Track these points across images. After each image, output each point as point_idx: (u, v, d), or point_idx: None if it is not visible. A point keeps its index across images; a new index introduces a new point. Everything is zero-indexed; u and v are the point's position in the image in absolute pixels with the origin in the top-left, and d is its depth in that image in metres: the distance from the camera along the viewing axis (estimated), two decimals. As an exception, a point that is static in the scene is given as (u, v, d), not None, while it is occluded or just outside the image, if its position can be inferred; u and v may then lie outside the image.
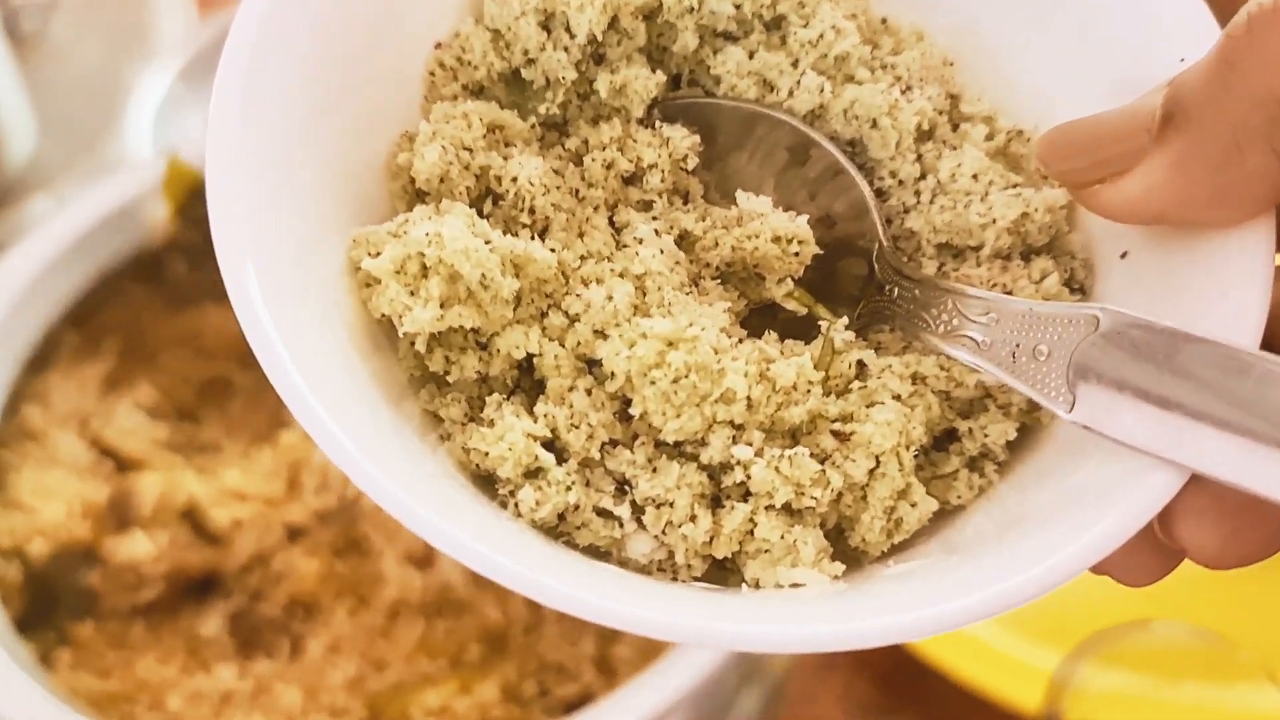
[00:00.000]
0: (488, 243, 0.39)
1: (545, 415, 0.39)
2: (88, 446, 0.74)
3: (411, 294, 0.38)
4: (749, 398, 0.38)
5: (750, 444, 0.38)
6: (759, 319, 0.43)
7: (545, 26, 0.42)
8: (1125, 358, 0.35)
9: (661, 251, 0.41)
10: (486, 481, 0.39)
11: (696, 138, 0.43)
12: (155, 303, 0.81)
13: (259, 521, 0.71)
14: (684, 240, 0.42)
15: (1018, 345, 0.37)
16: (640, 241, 0.41)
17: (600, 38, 0.42)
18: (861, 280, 0.42)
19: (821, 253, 0.42)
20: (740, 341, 0.40)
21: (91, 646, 0.68)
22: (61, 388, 0.75)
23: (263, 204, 0.37)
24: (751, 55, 0.44)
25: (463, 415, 0.40)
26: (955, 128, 0.44)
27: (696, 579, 0.39)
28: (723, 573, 0.39)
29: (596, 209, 0.43)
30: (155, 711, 0.66)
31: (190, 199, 0.79)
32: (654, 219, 0.43)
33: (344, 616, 0.69)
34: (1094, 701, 0.69)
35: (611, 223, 0.43)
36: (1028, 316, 0.37)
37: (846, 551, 0.39)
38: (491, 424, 0.39)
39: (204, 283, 0.79)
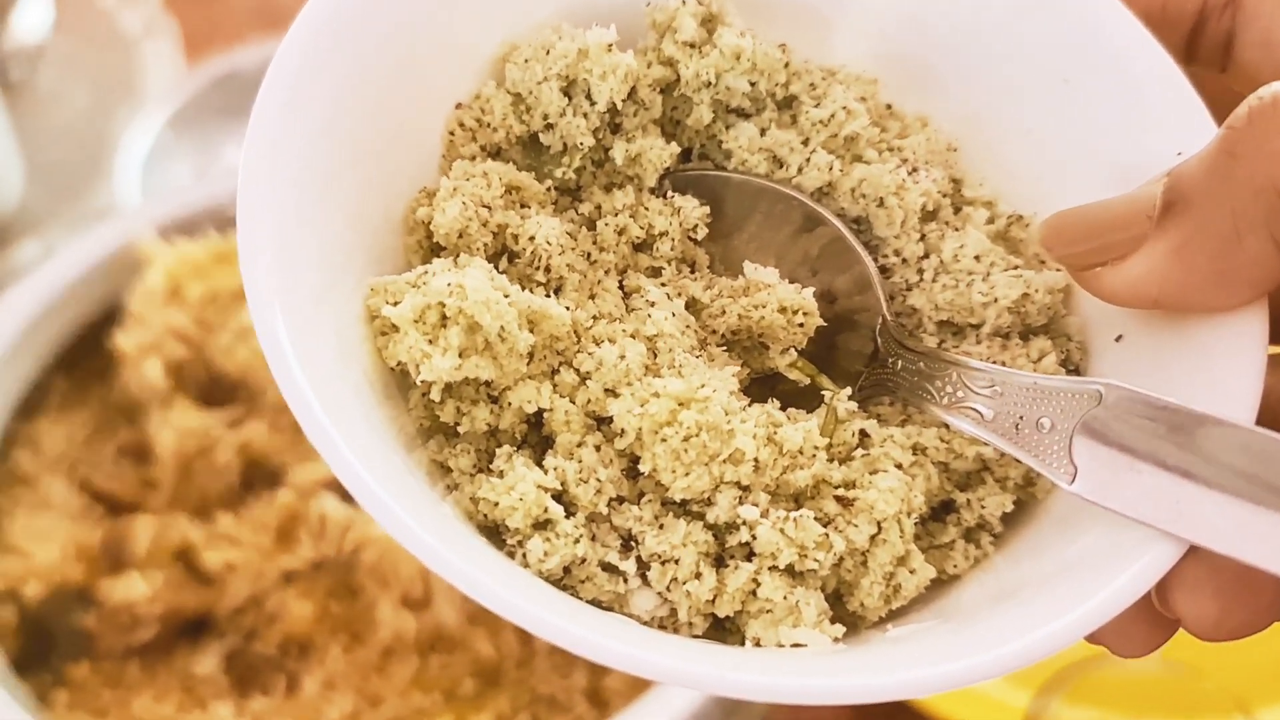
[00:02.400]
0: (506, 296, 0.39)
1: (555, 469, 0.39)
2: (78, 491, 0.75)
3: (430, 342, 0.38)
4: (757, 459, 0.39)
5: (756, 505, 0.39)
6: (760, 388, 0.44)
7: (566, 93, 0.43)
8: (1126, 431, 0.36)
9: (673, 314, 0.42)
10: (493, 532, 0.39)
11: (706, 209, 0.44)
12: None
13: (253, 564, 0.71)
14: (691, 307, 0.43)
15: (1021, 417, 0.38)
16: (652, 304, 0.42)
17: (619, 107, 0.43)
18: (863, 356, 0.43)
19: (825, 325, 0.43)
20: (749, 405, 0.41)
21: (87, 687, 0.69)
22: (51, 433, 0.76)
23: (288, 253, 0.38)
24: (763, 132, 0.45)
25: (472, 466, 0.40)
26: (957, 210, 0.45)
27: (698, 637, 0.39)
28: (723, 632, 0.40)
29: (608, 272, 0.43)
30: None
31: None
32: (663, 285, 0.44)
33: (339, 654, 0.70)
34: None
35: (621, 287, 0.44)
36: (1031, 390, 0.39)
37: (844, 615, 0.40)
38: (501, 475, 0.39)
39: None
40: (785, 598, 0.38)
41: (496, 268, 0.42)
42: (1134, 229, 0.38)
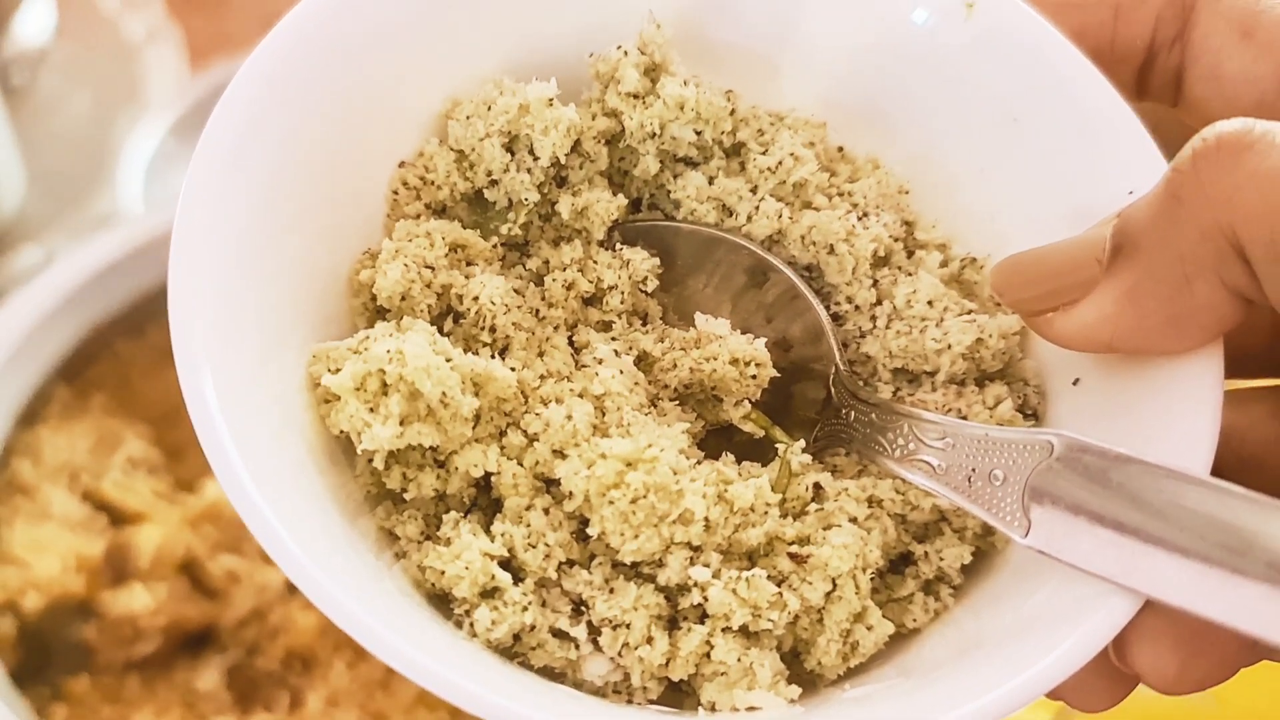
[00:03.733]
0: (448, 360, 0.39)
1: (503, 534, 0.39)
2: (80, 501, 0.74)
3: (371, 410, 0.38)
4: (707, 519, 0.38)
5: (708, 565, 0.38)
6: (715, 440, 0.43)
7: (509, 149, 0.43)
8: (1080, 483, 0.35)
9: (621, 372, 0.41)
10: (442, 600, 0.39)
11: (656, 260, 0.44)
12: (144, 358, 0.82)
13: (257, 575, 0.71)
14: (643, 361, 0.43)
15: (973, 470, 0.38)
16: (600, 362, 0.41)
17: (563, 160, 0.43)
18: (818, 404, 0.43)
19: (779, 375, 0.42)
20: (699, 463, 0.40)
21: (86, 701, 0.68)
22: (52, 442, 0.76)
23: (224, 318, 0.37)
24: (711, 180, 0.44)
25: (419, 533, 0.40)
26: (910, 254, 0.45)
27: (652, 702, 0.39)
28: (678, 695, 0.39)
29: (557, 328, 0.43)
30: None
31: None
32: (613, 339, 0.43)
33: (342, 669, 0.69)
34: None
35: (571, 342, 0.43)
36: (983, 441, 0.38)
37: (802, 675, 0.39)
38: (448, 542, 0.39)
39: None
40: (739, 659, 0.38)
41: (441, 329, 0.41)
42: (1084, 273, 0.37)
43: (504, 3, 0.44)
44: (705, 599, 0.38)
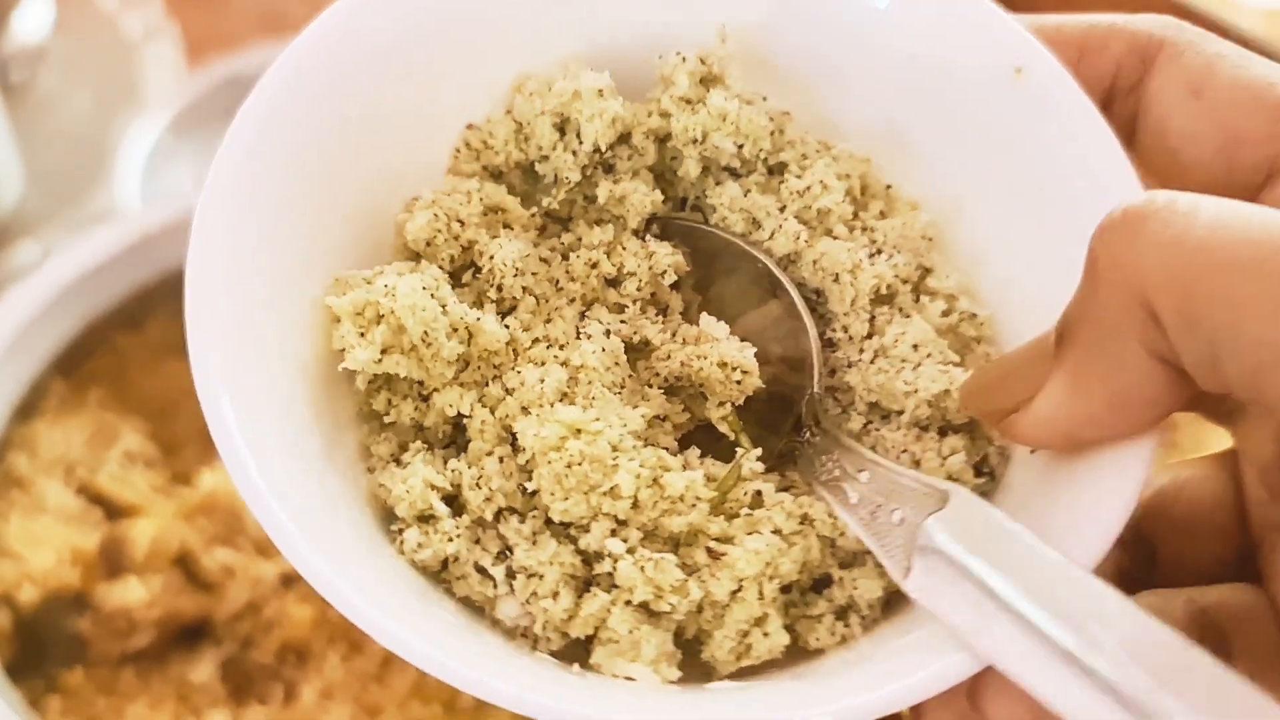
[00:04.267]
0: (443, 306, 0.42)
1: (453, 471, 0.42)
2: (75, 494, 0.75)
3: (361, 335, 0.42)
4: (636, 498, 0.40)
5: (625, 540, 0.41)
6: (703, 436, 0.45)
7: (560, 129, 0.46)
8: (961, 540, 0.36)
9: (603, 349, 0.44)
10: (392, 519, 0.43)
11: (679, 257, 0.46)
12: (141, 353, 0.83)
13: (252, 569, 0.72)
14: (643, 348, 0.45)
15: (879, 506, 0.39)
16: (588, 337, 0.44)
17: (607, 149, 0.46)
18: (794, 419, 0.44)
19: (764, 387, 0.44)
20: (643, 446, 0.42)
21: (81, 693, 0.69)
22: (48, 435, 0.76)
23: (242, 242, 0.42)
24: (746, 193, 0.47)
25: (389, 455, 0.43)
26: (917, 299, 0.46)
27: (554, 652, 0.41)
28: (579, 652, 0.42)
29: (571, 301, 0.46)
30: (145, 757, 0.68)
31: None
32: (622, 322, 0.46)
33: (337, 662, 0.70)
34: None
35: (584, 318, 0.46)
36: (892, 481, 0.39)
37: (697, 663, 0.41)
38: (404, 466, 0.42)
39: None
40: (631, 632, 0.40)
41: (460, 280, 0.45)
42: (1037, 369, 0.38)
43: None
44: (615, 569, 0.40)
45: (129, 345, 0.84)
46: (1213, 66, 0.41)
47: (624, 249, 0.47)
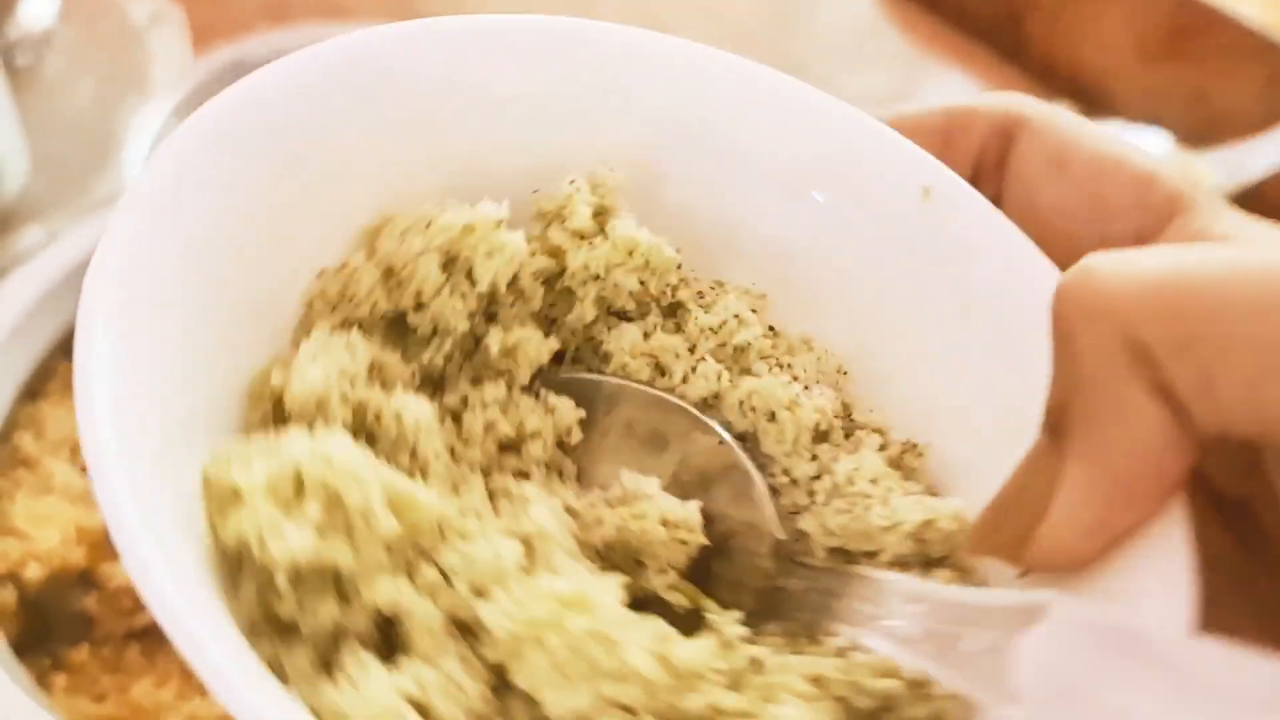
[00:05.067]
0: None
1: (416, 677, 0.33)
2: (81, 474, 0.72)
3: (285, 516, 0.33)
4: (647, 678, 0.34)
5: None
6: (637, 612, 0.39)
7: (445, 269, 0.39)
8: (1076, 654, 0.32)
9: (555, 513, 0.37)
10: None
11: (582, 412, 0.41)
12: None
13: None
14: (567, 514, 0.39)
15: (948, 636, 0.35)
16: (529, 500, 0.37)
17: (503, 290, 0.40)
18: (753, 575, 0.39)
19: (708, 545, 0.39)
20: (639, 617, 0.36)
21: (86, 670, 0.67)
22: (54, 416, 0.74)
23: (127, 412, 0.33)
24: (647, 336, 0.42)
25: (309, 666, 0.34)
26: (848, 435, 0.42)
27: None
28: None
29: (472, 468, 0.39)
30: (151, 736, 0.63)
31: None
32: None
33: None
34: None
35: (485, 489, 0.39)
36: (959, 606, 0.35)
37: None
38: (351, 679, 0.33)
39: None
40: None
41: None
42: (1043, 476, 0.35)
43: (446, 127, 0.41)
44: None
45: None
46: (1073, 140, 0.41)
47: (518, 407, 0.40)
